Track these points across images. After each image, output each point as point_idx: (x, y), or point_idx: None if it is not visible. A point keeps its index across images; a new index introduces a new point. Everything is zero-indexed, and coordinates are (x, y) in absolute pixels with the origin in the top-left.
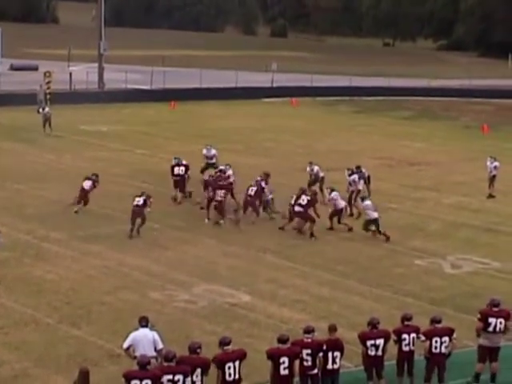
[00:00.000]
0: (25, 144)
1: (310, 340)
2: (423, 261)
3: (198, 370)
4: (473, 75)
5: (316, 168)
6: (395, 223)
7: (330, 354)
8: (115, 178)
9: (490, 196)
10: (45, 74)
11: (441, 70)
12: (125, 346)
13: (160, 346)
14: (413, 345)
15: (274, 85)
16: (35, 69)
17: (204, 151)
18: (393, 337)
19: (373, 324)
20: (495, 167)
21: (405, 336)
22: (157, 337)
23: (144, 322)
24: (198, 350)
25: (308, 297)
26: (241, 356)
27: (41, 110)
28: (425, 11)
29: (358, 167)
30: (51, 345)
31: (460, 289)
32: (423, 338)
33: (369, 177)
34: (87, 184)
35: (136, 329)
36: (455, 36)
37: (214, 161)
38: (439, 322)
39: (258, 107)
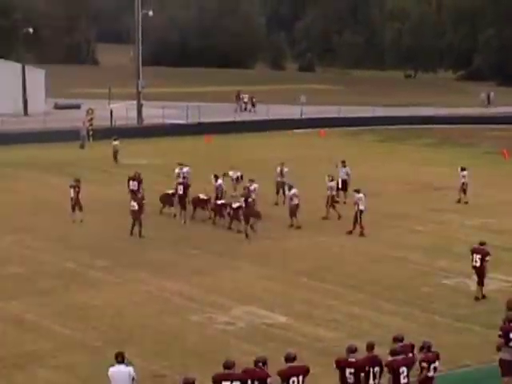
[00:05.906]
0: (70, 178)
1: (354, 360)
2: (450, 280)
3: None
4: (493, 103)
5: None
6: (421, 245)
7: (371, 370)
8: (157, 208)
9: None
10: (87, 111)
11: (461, 99)
12: None
13: None
14: (434, 371)
15: (303, 116)
16: (78, 107)
17: (177, 170)
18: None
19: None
20: (463, 176)
21: (424, 364)
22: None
23: (120, 358)
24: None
25: (340, 316)
26: (304, 372)
27: (115, 142)
28: (444, 43)
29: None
30: (99, 366)
31: (485, 306)
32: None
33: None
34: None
35: None
36: (474, 66)
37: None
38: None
39: (288, 138)
